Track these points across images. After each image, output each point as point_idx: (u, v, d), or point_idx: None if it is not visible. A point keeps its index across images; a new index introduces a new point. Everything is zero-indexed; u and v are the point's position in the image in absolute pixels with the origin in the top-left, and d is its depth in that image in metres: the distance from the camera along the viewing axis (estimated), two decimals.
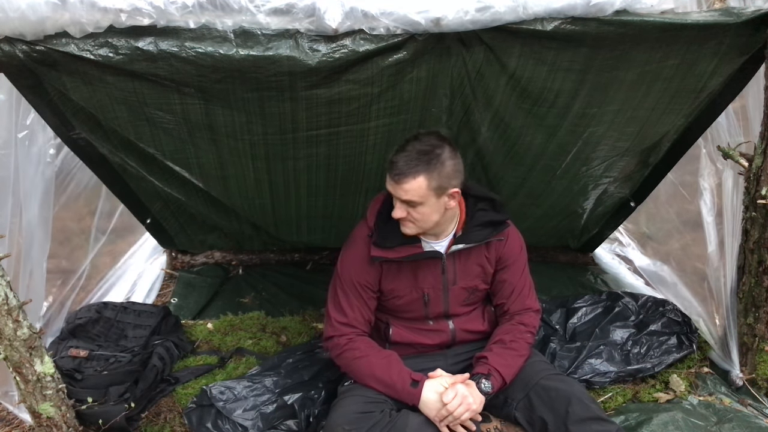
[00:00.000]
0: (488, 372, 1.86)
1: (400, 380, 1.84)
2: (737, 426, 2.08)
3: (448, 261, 1.96)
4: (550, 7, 1.64)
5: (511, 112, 2.06)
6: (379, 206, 1.95)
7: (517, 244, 2.05)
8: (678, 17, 1.70)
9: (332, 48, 1.66)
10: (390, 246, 1.88)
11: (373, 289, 1.97)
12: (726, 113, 2.11)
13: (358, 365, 1.90)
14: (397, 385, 1.84)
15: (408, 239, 1.88)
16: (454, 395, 1.75)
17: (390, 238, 1.88)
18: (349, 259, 1.97)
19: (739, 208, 2.14)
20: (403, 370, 1.88)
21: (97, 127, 1.99)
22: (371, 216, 1.95)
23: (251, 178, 2.30)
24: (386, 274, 1.95)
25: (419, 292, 1.97)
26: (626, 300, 2.70)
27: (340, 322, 1.96)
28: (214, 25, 1.61)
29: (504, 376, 1.87)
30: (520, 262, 2.06)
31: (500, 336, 1.99)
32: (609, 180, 2.55)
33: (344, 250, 2.01)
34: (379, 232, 1.90)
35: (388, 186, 1.79)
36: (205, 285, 3.08)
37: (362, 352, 1.92)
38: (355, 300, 1.95)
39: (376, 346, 1.96)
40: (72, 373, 2.17)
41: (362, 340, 1.95)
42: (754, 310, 2.19)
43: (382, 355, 1.92)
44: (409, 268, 1.95)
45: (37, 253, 2.10)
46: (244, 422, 2.08)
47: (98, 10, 1.53)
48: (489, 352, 1.93)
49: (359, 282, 1.95)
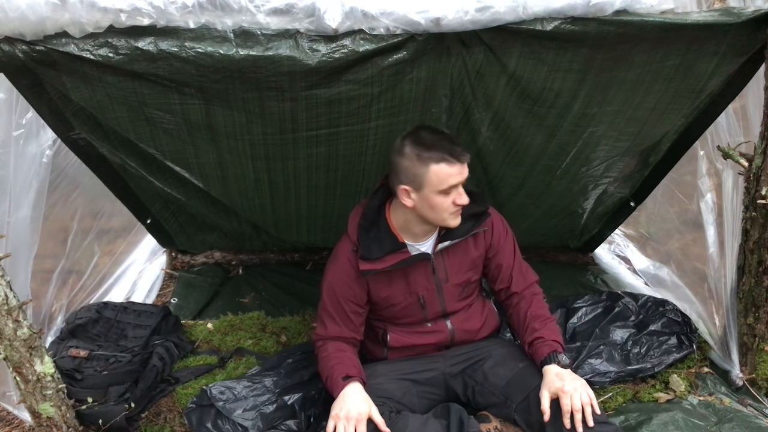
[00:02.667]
0: (554, 350, 1.84)
1: (337, 372, 1.84)
2: (737, 426, 2.08)
3: (437, 260, 1.95)
4: (550, 7, 1.64)
5: (511, 112, 2.06)
6: (359, 219, 1.94)
7: (502, 228, 2.05)
8: (678, 17, 1.70)
9: (332, 48, 1.66)
10: (377, 257, 1.87)
11: (360, 303, 1.97)
12: (726, 113, 2.10)
13: (320, 362, 1.95)
14: (332, 374, 1.85)
15: (393, 246, 1.87)
16: (569, 396, 1.70)
17: (375, 249, 1.87)
18: (334, 277, 1.96)
19: (739, 208, 2.14)
20: (351, 367, 1.87)
21: (97, 127, 1.99)
22: (352, 230, 1.94)
23: (251, 178, 2.30)
24: (376, 285, 1.95)
25: (414, 296, 1.97)
26: (626, 300, 2.69)
27: (320, 333, 2.00)
28: (214, 25, 1.60)
29: (561, 343, 1.89)
30: (509, 243, 2.06)
31: (531, 312, 1.97)
32: (609, 180, 2.55)
33: (329, 267, 2.00)
34: (363, 245, 1.89)
35: (456, 178, 1.74)
36: (205, 285, 3.08)
37: (327, 352, 1.95)
38: (337, 317, 1.97)
39: (346, 350, 1.96)
40: (72, 373, 2.17)
41: (333, 345, 1.96)
42: (754, 310, 2.19)
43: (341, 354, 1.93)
44: (401, 275, 1.94)
45: (24, 254, 2.09)
46: (244, 422, 2.08)
47: (98, 10, 1.53)
48: (536, 332, 1.90)
49: (344, 297, 1.95)
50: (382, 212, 1.93)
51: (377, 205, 1.94)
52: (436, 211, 1.80)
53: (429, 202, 1.78)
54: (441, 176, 1.73)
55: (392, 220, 1.92)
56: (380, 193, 1.95)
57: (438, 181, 1.74)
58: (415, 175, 1.75)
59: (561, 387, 1.72)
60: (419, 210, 1.82)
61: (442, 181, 1.74)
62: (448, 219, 1.83)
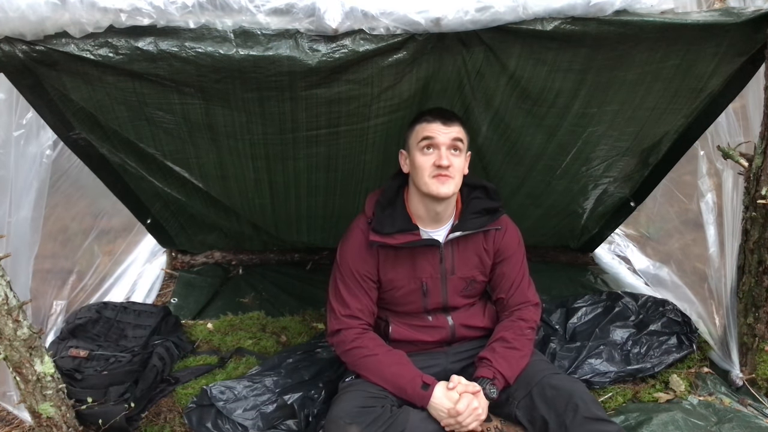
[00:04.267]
0: (493, 376, 1.87)
1: (411, 383, 1.85)
2: (737, 426, 2.08)
3: (446, 250, 1.96)
4: (550, 7, 1.64)
5: (511, 112, 2.06)
6: (377, 197, 1.97)
7: (515, 237, 2.07)
8: (678, 17, 1.70)
9: (332, 48, 1.66)
10: (389, 232, 1.89)
11: (372, 278, 1.98)
12: (726, 113, 2.10)
13: (366, 364, 1.91)
14: (407, 388, 1.85)
15: (406, 226, 1.90)
16: (466, 405, 1.77)
17: (387, 225, 1.90)
18: (348, 249, 1.98)
19: (739, 208, 2.14)
20: (414, 371, 1.88)
21: (97, 127, 1.99)
22: (369, 207, 1.97)
23: (251, 178, 2.30)
24: (384, 263, 1.96)
25: (417, 282, 1.98)
26: (626, 300, 2.70)
27: (344, 314, 1.96)
28: (214, 25, 1.60)
29: (507, 378, 1.88)
30: (518, 255, 2.07)
31: (502, 333, 1.99)
32: (609, 180, 2.55)
33: (342, 242, 2.02)
34: (377, 219, 1.92)
35: (431, 132, 1.81)
36: (205, 285, 3.08)
37: (370, 350, 1.92)
38: (356, 290, 1.96)
39: (384, 344, 1.96)
40: (72, 373, 2.17)
41: (369, 337, 1.96)
42: (754, 310, 2.19)
43: (391, 354, 1.92)
44: (407, 257, 1.95)
45: (25, 254, 2.09)
46: (244, 422, 2.08)
47: (98, 10, 1.53)
48: (492, 352, 1.93)
49: (359, 271, 1.96)
50: (401, 194, 1.97)
51: (397, 186, 1.98)
52: (418, 173, 1.85)
53: (414, 163, 1.86)
54: (419, 131, 1.84)
55: (409, 205, 1.95)
56: (403, 175, 1.98)
57: (416, 136, 1.85)
58: (407, 136, 1.90)
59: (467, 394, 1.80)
60: (412, 177, 1.89)
61: (418, 135, 1.84)
62: (429, 183, 1.83)
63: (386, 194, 1.95)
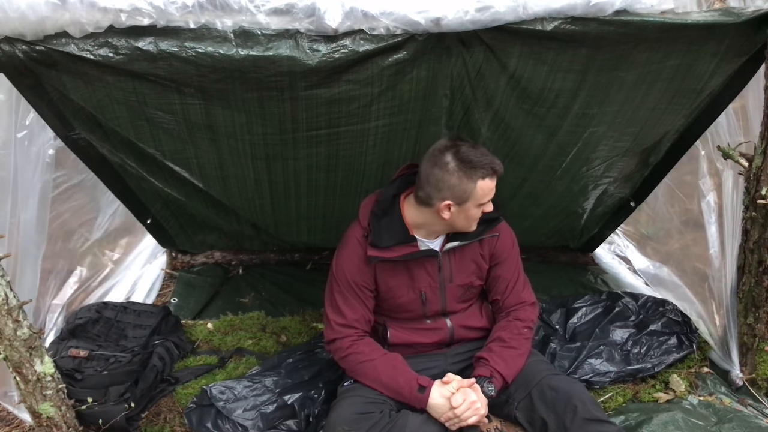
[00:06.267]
0: (490, 375, 1.87)
1: (408, 386, 1.85)
2: (737, 426, 2.08)
3: (443, 259, 1.96)
4: (550, 7, 1.64)
5: (511, 112, 2.06)
6: (372, 206, 1.94)
7: (510, 239, 2.07)
8: (678, 17, 1.70)
9: (332, 48, 1.66)
10: (386, 246, 1.88)
11: (369, 288, 1.97)
12: (726, 113, 2.10)
13: (363, 370, 1.91)
14: (404, 391, 1.85)
15: (404, 238, 1.89)
16: (462, 399, 1.77)
17: (385, 237, 1.88)
18: (345, 260, 1.96)
19: (739, 208, 2.14)
20: (410, 374, 1.88)
21: (97, 127, 1.99)
22: (364, 216, 1.95)
23: (251, 178, 2.30)
24: (382, 274, 1.95)
25: (416, 291, 1.97)
26: (626, 300, 2.70)
27: (339, 324, 1.95)
28: (214, 25, 1.60)
29: (505, 377, 1.87)
30: (513, 256, 2.07)
31: (498, 333, 1.99)
32: (609, 180, 2.55)
33: (339, 252, 2.00)
34: (374, 232, 1.90)
35: (494, 183, 1.81)
36: (205, 285, 3.08)
37: (366, 355, 1.92)
38: (353, 300, 1.95)
39: (380, 349, 1.96)
40: (72, 373, 2.17)
41: (365, 343, 1.95)
42: (754, 310, 2.19)
43: (387, 358, 1.92)
44: (405, 268, 1.95)
45: (32, 254, 2.09)
46: (244, 422, 2.08)
47: (98, 10, 1.53)
48: (489, 352, 1.93)
49: (356, 282, 1.94)
50: (397, 203, 1.94)
51: (392, 195, 1.94)
52: (469, 221, 1.87)
53: (466, 214, 1.84)
54: (485, 191, 1.80)
55: (406, 214, 1.92)
56: (397, 183, 1.96)
57: (482, 195, 1.80)
58: (463, 191, 1.78)
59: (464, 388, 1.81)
60: (452, 220, 1.85)
61: (485, 195, 1.81)
62: (473, 226, 1.89)
63: (381, 204, 1.92)
